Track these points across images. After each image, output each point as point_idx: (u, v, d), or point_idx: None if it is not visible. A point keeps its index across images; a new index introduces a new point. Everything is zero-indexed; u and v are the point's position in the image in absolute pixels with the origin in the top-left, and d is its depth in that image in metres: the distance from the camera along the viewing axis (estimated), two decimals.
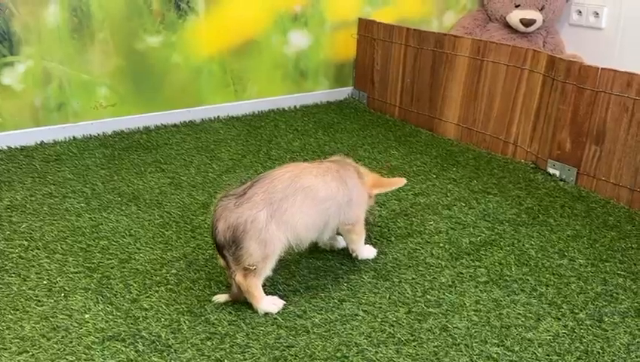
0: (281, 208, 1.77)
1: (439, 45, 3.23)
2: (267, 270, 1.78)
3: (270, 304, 1.80)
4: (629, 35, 3.72)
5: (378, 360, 1.61)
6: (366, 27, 3.67)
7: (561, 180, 2.70)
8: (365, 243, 2.09)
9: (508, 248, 2.17)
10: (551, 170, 2.75)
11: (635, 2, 3.66)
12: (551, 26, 4.01)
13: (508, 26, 3.97)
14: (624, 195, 2.50)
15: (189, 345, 1.66)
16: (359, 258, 2.07)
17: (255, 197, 1.77)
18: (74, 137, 3.09)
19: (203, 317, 1.77)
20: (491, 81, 3.02)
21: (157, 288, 1.90)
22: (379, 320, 1.77)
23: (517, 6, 3.92)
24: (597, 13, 3.84)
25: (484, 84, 3.05)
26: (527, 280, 1.98)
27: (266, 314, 1.78)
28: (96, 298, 1.85)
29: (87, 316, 1.77)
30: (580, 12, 3.95)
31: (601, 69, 2.50)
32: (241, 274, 1.76)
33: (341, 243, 2.14)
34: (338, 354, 1.63)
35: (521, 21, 3.87)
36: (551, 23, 3.98)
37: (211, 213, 1.81)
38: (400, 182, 2.14)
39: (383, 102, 3.64)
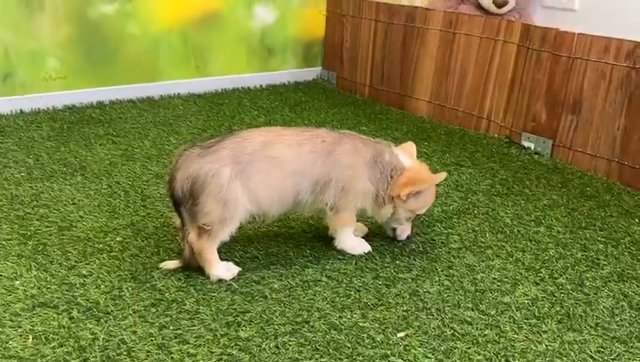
0: (247, 172, 1.58)
1: (410, 19, 3.11)
2: (224, 234, 1.60)
3: (224, 270, 1.63)
4: (602, 16, 3.64)
5: (342, 324, 1.45)
6: (335, 3, 3.53)
7: (536, 153, 2.59)
8: (359, 236, 1.83)
9: (482, 216, 2.04)
10: (525, 143, 2.63)
11: None
12: (524, 8, 3.91)
13: (480, 7, 3.85)
14: (602, 167, 2.39)
15: (130, 312, 1.48)
16: (337, 247, 1.78)
17: (222, 152, 1.59)
18: (21, 110, 2.88)
19: (148, 284, 1.59)
20: (464, 55, 2.90)
21: (98, 255, 1.71)
22: (344, 285, 1.62)
23: None
24: None
25: (457, 57, 2.93)
26: (503, 246, 1.85)
27: (220, 280, 1.61)
28: (30, 264, 1.65)
29: (17, 283, 1.57)
30: None
31: (578, 34, 2.40)
32: (195, 234, 1.58)
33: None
34: (298, 319, 1.47)
35: (494, 2, 3.76)
36: (524, 5, 3.89)
37: (173, 163, 1.63)
38: (437, 177, 1.77)
39: (352, 81, 3.50)
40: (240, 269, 1.65)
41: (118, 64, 3.06)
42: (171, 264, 1.66)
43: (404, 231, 1.82)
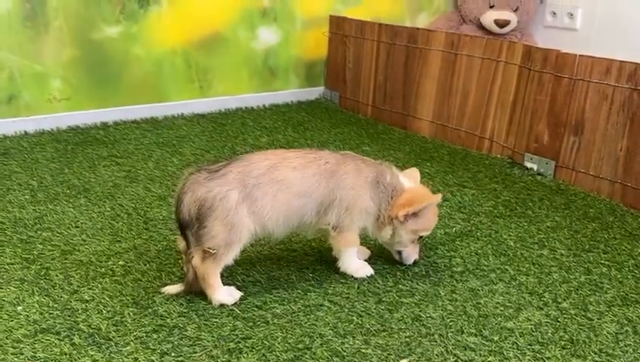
0: (253, 196, 1.59)
1: (412, 40, 3.12)
2: (228, 258, 1.60)
3: (226, 295, 1.63)
4: (603, 35, 3.66)
5: (344, 351, 1.45)
6: (337, 24, 3.56)
7: (538, 174, 2.59)
8: (362, 259, 1.83)
9: (485, 239, 2.03)
10: (528, 164, 2.63)
11: (609, 2, 3.61)
12: (525, 28, 3.94)
13: (482, 27, 3.90)
14: (605, 188, 2.38)
15: (132, 338, 1.47)
16: (340, 269, 1.78)
17: (229, 175, 1.60)
18: (25, 132, 2.90)
19: (150, 309, 1.59)
20: (466, 75, 2.91)
21: (101, 280, 1.71)
22: (346, 310, 1.61)
23: (491, 7, 3.85)
24: (571, 14, 3.78)
25: (459, 78, 2.94)
26: (506, 269, 1.84)
27: (221, 305, 1.61)
28: (32, 289, 1.65)
29: (19, 308, 1.57)
30: (555, 13, 3.89)
31: (579, 56, 2.41)
32: (199, 257, 1.58)
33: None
34: (300, 346, 1.46)
35: (496, 22, 3.80)
36: (525, 25, 3.92)
37: (179, 186, 1.64)
38: (435, 198, 1.78)
39: (355, 101, 3.52)
40: (242, 294, 1.65)
41: (122, 85, 3.08)
42: (173, 289, 1.66)
43: (410, 254, 1.81)
